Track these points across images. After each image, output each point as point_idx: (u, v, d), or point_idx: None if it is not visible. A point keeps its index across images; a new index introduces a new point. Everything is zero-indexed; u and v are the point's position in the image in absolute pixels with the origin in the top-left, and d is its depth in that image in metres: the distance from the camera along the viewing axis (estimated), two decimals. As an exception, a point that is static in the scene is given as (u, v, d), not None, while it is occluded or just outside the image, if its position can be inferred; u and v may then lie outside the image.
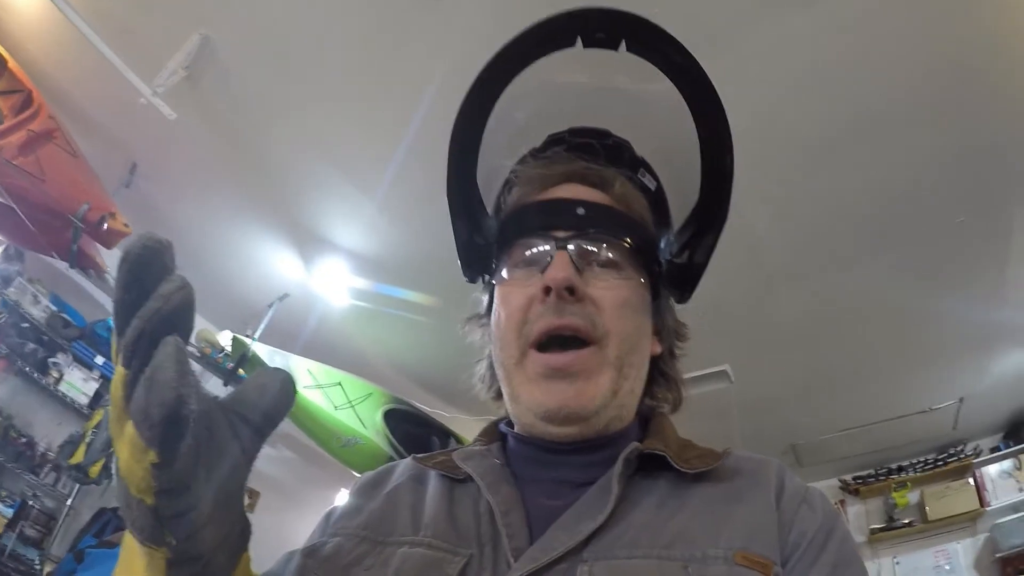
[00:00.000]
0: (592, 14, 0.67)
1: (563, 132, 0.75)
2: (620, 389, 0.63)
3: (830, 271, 3.24)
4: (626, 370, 0.64)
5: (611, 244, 0.66)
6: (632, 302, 0.65)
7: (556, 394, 0.61)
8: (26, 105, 2.75)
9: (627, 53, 0.68)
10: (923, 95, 2.40)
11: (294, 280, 3.70)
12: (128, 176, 3.22)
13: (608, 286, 0.64)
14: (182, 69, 2.54)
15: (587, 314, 0.62)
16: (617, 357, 0.63)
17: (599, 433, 0.64)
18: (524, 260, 0.67)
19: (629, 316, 0.64)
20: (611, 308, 0.63)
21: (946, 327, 3.57)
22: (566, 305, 0.62)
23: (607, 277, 0.65)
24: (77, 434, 3.27)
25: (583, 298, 0.62)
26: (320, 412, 3.21)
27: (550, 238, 0.65)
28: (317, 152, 2.92)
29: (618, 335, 0.63)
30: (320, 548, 0.64)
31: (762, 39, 2.27)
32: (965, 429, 4.57)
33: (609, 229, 0.66)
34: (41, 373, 3.22)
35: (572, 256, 0.64)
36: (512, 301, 0.65)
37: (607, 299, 0.63)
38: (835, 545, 0.56)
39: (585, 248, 0.65)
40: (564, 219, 0.66)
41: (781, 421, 4.45)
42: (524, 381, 0.64)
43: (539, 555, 0.54)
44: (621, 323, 0.63)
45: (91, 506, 3.41)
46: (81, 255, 3.01)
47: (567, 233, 0.65)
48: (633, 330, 0.65)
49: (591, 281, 0.64)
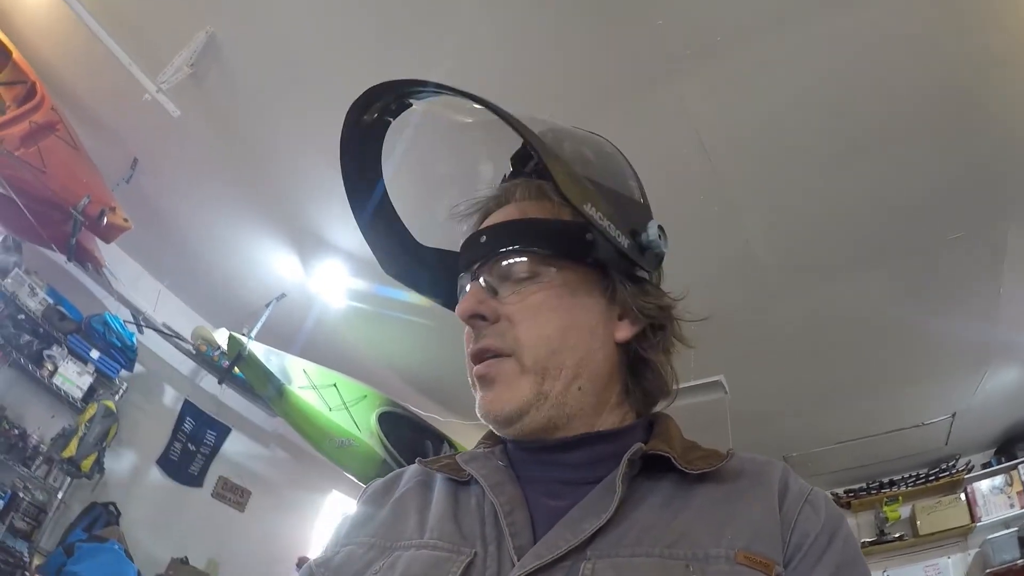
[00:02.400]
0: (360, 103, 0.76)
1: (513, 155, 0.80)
2: (550, 390, 0.64)
3: (827, 284, 3.25)
4: (553, 371, 0.64)
5: (513, 256, 0.68)
6: (550, 303, 0.66)
7: (483, 399, 0.66)
8: (29, 96, 2.75)
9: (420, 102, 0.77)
10: (924, 111, 2.42)
11: (292, 280, 3.70)
12: (129, 171, 3.22)
13: (520, 298, 0.66)
14: (187, 67, 2.54)
15: (499, 332, 0.66)
16: (535, 362, 0.64)
17: (548, 429, 0.65)
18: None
19: (547, 319, 0.65)
20: (523, 320, 0.65)
21: (940, 342, 3.58)
22: (481, 330, 0.67)
23: (520, 289, 0.67)
24: (70, 428, 3.26)
25: (497, 318, 0.66)
26: (314, 413, 3.21)
27: (467, 273, 0.71)
28: (318, 153, 2.93)
29: (531, 341, 0.64)
30: (332, 559, 0.66)
31: (766, 52, 2.28)
32: (957, 444, 4.59)
33: (514, 243, 0.68)
34: (36, 365, 3.21)
35: (486, 283, 0.68)
36: (465, 334, 0.70)
37: (519, 312, 0.66)
38: (839, 546, 0.57)
39: (490, 272, 0.69)
40: (473, 252, 0.70)
41: (774, 433, 4.46)
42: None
43: (543, 553, 0.55)
44: (536, 330, 0.65)
45: (82, 500, 3.41)
46: (80, 249, 3.01)
47: (477, 264, 0.70)
48: (554, 331, 0.65)
49: (507, 298, 0.67)
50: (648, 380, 0.71)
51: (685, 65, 2.26)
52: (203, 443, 4.15)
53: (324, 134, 2.81)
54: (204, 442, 4.16)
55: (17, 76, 2.80)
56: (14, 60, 2.78)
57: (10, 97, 2.80)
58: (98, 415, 3.27)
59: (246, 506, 4.37)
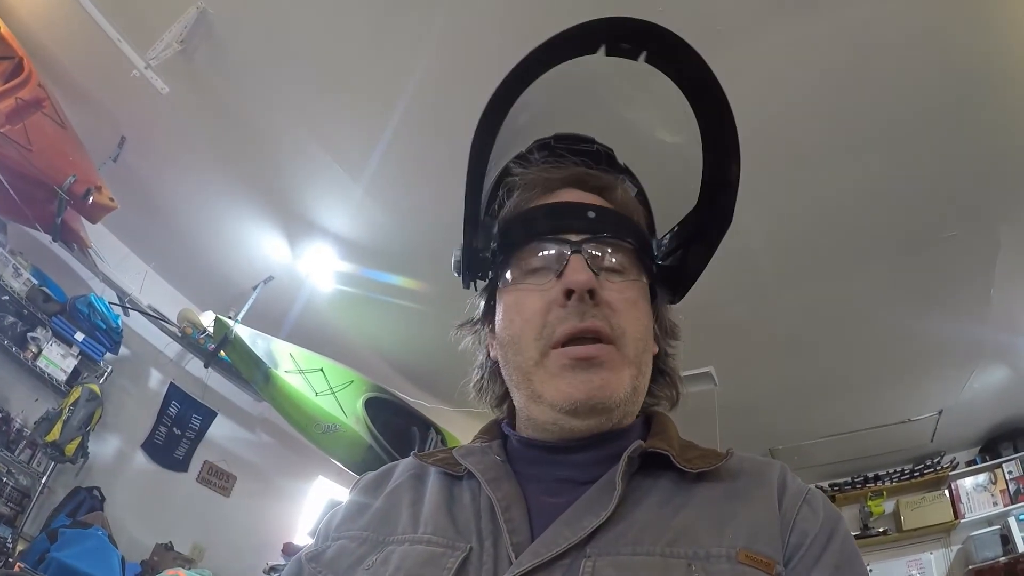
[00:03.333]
0: (623, 23, 0.67)
1: (548, 138, 0.75)
2: (639, 386, 0.65)
3: (819, 279, 3.26)
4: (643, 368, 0.66)
5: (618, 248, 0.67)
6: (640, 304, 0.67)
7: (583, 384, 0.61)
8: (16, 72, 2.70)
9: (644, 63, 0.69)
10: (919, 110, 2.42)
11: (280, 263, 3.67)
12: (116, 150, 3.17)
13: (619, 288, 0.65)
14: (177, 43, 2.50)
15: (605, 316, 0.63)
16: (635, 355, 0.64)
17: (613, 428, 0.65)
18: (536, 264, 0.67)
19: (638, 317, 0.66)
20: (624, 310, 0.64)
21: (929, 340, 3.61)
22: (587, 308, 0.62)
23: (617, 280, 0.66)
24: (54, 411, 3.22)
25: (600, 301, 0.63)
26: (300, 397, 3.19)
27: (563, 242, 0.66)
28: (309, 133, 2.90)
29: (633, 334, 0.64)
30: (323, 552, 0.65)
31: (762, 46, 2.27)
32: (943, 441, 4.64)
33: (617, 233, 0.67)
34: (19, 347, 3.16)
35: (587, 259, 0.64)
36: (529, 305, 0.65)
37: (620, 301, 0.65)
38: (837, 546, 0.57)
39: (597, 252, 0.66)
40: (576, 222, 0.67)
41: (761, 425, 4.49)
42: (547, 378, 0.63)
43: (542, 550, 0.54)
44: (634, 324, 0.65)
45: (66, 484, 3.37)
46: (65, 228, 2.97)
47: (580, 236, 0.66)
48: (643, 330, 0.66)
49: (604, 284, 0.65)
50: (662, 389, 0.73)
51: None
52: (188, 427, 4.12)
53: (315, 114, 2.82)
54: (189, 426, 4.13)
55: (4, 51, 2.74)
56: (1, 35, 2.72)
57: (-4, 72, 2.74)
58: (82, 398, 3.23)
59: (231, 491, 4.35)
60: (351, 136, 2.88)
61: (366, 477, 0.74)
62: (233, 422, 4.47)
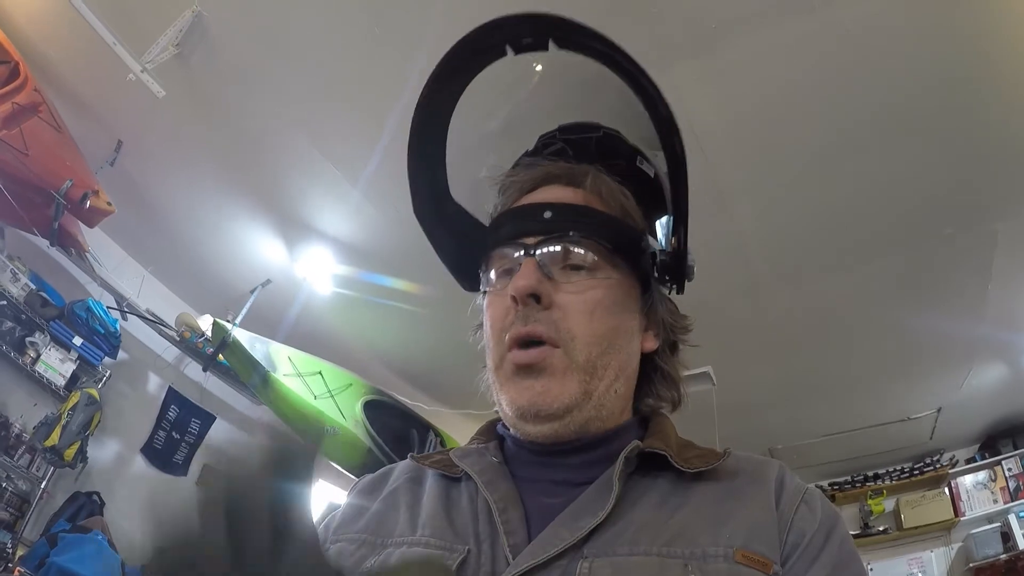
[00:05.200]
0: (511, 21, 0.67)
1: (553, 131, 0.75)
2: (594, 391, 0.63)
3: (816, 277, 3.26)
4: (600, 372, 0.63)
5: (582, 245, 0.65)
6: (606, 303, 0.64)
7: (525, 391, 0.62)
8: (12, 77, 2.70)
9: (560, 51, 0.68)
10: (918, 106, 2.42)
11: (278, 266, 3.67)
12: (113, 154, 3.16)
13: (577, 289, 0.64)
14: (173, 46, 2.50)
15: (552, 320, 0.62)
16: (586, 360, 0.62)
17: (578, 433, 0.63)
18: (502, 268, 0.67)
19: (601, 317, 0.64)
20: (578, 312, 0.63)
21: (927, 338, 3.61)
22: (532, 312, 0.62)
23: (580, 279, 0.64)
24: (53, 416, 3.21)
25: (550, 304, 0.63)
26: (299, 401, 3.19)
27: (519, 245, 0.65)
28: (306, 135, 2.90)
29: (586, 338, 0.62)
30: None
31: (758, 44, 2.27)
32: (942, 439, 4.64)
33: (580, 229, 0.65)
34: (18, 352, 3.16)
35: (541, 261, 0.64)
36: (493, 310, 0.66)
37: (575, 303, 0.63)
38: (835, 545, 0.56)
39: (554, 252, 0.65)
40: (531, 225, 0.66)
41: (760, 425, 4.49)
42: (503, 382, 0.65)
43: (539, 551, 0.54)
44: (590, 326, 0.63)
45: (65, 489, 3.37)
46: (62, 233, 2.96)
47: (536, 239, 0.65)
48: (606, 331, 0.64)
49: (562, 285, 0.64)
50: (662, 390, 0.72)
51: (679, 53, 2.24)
52: (188, 431, 4.12)
53: (311, 116, 2.82)
54: (189, 430, 4.12)
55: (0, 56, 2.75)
56: (-3, 40, 2.72)
57: (-8, 77, 2.74)
58: (81, 403, 3.22)
59: (231, 495, 4.34)
60: (348, 139, 2.88)
61: (364, 480, 0.74)
62: (232, 426, 4.47)
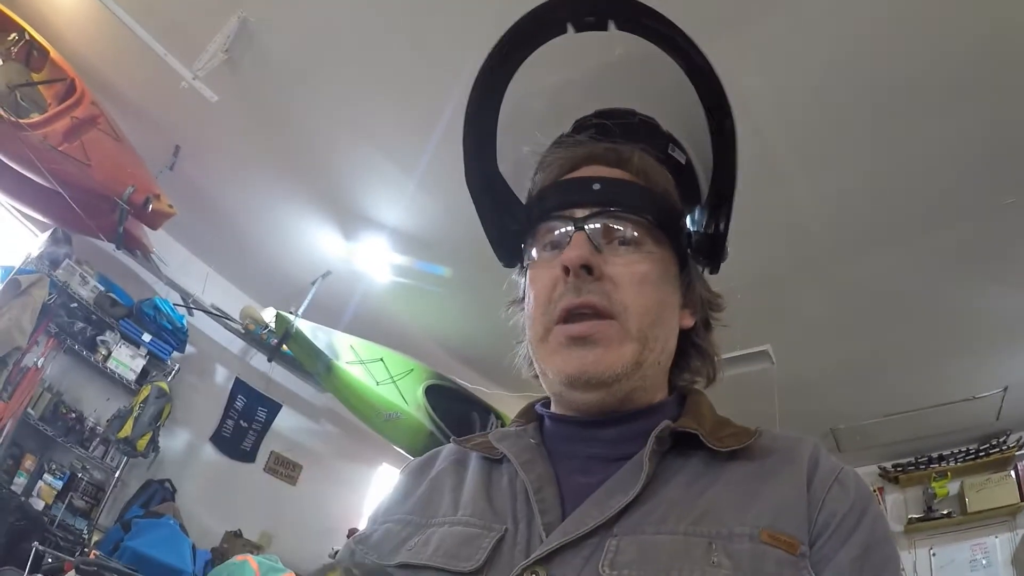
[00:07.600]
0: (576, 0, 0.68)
1: (589, 116, 0.76)
2: (644, 360, 0.64)
3: (875, 253, 3.15)
4: (651, 343, 0.64)
5: (629, 220, 0.66)
6: (652, 277, 0.65)
7: (575, 360, 0.63)
8: (69, 93, 2.84)
9: (620, 32, 0.69)
10: (972, 71, 2.30)
11: (337, 257, 3.75)
12: (172, 158, 3.29)
13: (627, 262, 0.65)
14: (222, 52, 2.58)
15: (604, 291, 0.63)
16: (639, 330, 0.63)
17: (623, 401, 0.65)
18: (548, 241, 0.68)
19: (649, 290, 0.65)
20: (629, 284, 0.64)
21: (992, 313, 3.45)
22: (584, 284, 0.63)
23: (626, 254, 0.65)
24: (125, 409, 3.38)
25: (601, 276, 0.63)
26: (362, 387, 3.27)
27: (569, 218, 0.67)
28: (356, 130, 2.95)
29: (637, 309, 0.63)
30: (370, 536, 0.69)
31: (809, 8, 2.20)
32: (1008, 420, 4.43)
33: (627, 205, 0.67)
34: (90, 351, 3.33)
35: (590, 234, 0.65)
36: (539, 282, 0.67)
37: (625, 276, 0.64)
38: (867, 525, 0.55)
39: (603, 226, 0.66)
40: (581, 197, 0.67)
41: (821, 404, 4.37)
42: (549, 354, 0.65)
43: (571, 529, 0.55)
44: (640, 298, 0.64)
45: (138, 478, 3.55)
46: (127, 236, 3.10)
47: (585, 212, 0.66)
48: (654, 304, 0.65)
49: (610, 258, 0.65)
50: (697, 366, 0.73)
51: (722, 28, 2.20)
52: (255, 420, 4.28)
53: (363, 112, 2.86)
54: (255, 419, 4.28)
55: (56, 74, 2.88)
56: (52, 59, 2.85)
57: (51, 95, 2.89)
58: (151, 396, 3.38)
59: (298, 480, 4.50)
60: (401, 132, 2.91)
61: (411, 463, 0.78)
62: (298, 413, 4.62)
